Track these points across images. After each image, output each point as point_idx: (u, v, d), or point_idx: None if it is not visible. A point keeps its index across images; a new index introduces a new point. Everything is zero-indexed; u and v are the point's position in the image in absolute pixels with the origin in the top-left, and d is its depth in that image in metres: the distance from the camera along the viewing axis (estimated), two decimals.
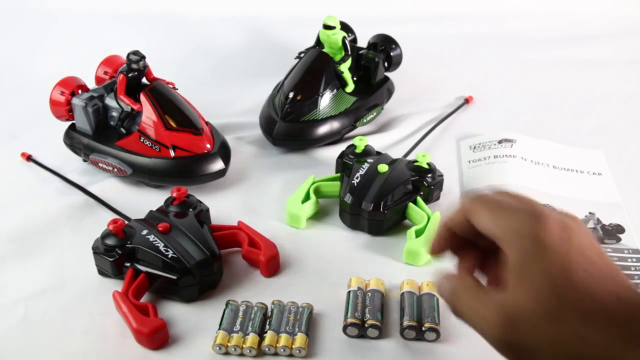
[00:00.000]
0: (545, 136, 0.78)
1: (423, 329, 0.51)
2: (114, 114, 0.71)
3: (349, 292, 0.54)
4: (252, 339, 0.50)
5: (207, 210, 0.62)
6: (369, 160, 0.66)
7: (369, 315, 0.52)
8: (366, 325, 0.51)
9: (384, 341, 0.52)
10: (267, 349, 0.50)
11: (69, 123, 0.73)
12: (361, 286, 0.55)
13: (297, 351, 0.50)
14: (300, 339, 0.50)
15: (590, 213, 0.66)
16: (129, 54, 0.69)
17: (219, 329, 0.51)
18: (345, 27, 0.84)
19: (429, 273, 0.52)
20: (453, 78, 0.94)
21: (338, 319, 0.54)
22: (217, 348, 0.50)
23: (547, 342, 0.35)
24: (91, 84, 0.74)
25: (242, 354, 0.50)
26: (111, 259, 0.55)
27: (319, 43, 0.84)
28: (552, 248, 0.36)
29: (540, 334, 0.35)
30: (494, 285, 0.42)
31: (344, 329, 0.52)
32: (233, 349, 0.50)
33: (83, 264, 0.58)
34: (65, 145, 0.73)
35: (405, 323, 0.51)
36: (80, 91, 0.71)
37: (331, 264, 0.60)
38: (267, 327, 0.51)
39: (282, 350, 0.50)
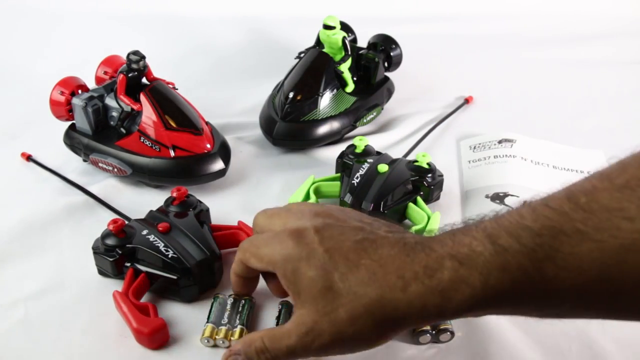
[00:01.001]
0: (545, 136, 0.78)
1: (437, 331, 0.51)
2: (114, 114, 0.71)
3: None
4: (239, 331, 0.51)
5: (207, 210, 0.62)
6: (369, 160, 0.66)
7: None
8: None
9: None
10: None
11: (69, 123, 0.73)
12: None
13: None
14: None
15: None
16: (129, 54, 0.69)
17: (207, 322, 0.52)
18: (345, 27, 0.84)
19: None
20: (453, 78, 0.94)
21: None
22: (205, 341, 0.50)
23: (336, 342, 0.41)
24: (91, 84, 0.74)
25: (230, 347, 0.50)
26: (111, 259, 0.55)
27: (319, 43, 0.84)
28: (306, 263, 0.42)
29: (327, 337, 0.41)
30: None
31: None
32: (221, 342, 0.50)
33: (83, 264, 0.58)
34: (65, 145, 0.73)
35: (420, 329, 0.51)
36: (80, 91, 0.71)
37: None
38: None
39: None
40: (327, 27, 0.79)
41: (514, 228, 0.38)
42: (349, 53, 0.79)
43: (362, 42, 0.87)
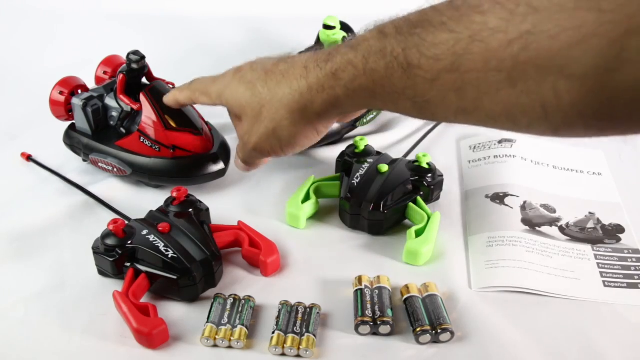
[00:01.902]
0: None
1: (437, 331, 0.51)
2: (114, 113, 0.71)
3: (357, 290, 0.54)
4: (239, 331, 0.51)
5: (207, 210, 0.62)
6: (369, 160, 0.66)
7: (379, 312, 0.52)
8: (378, 323, 0.51)
9: (390, 339, 0.52)
10: (274, 350, 0.50)
11: (69, 123, 0.73)
12: (367, 284, 0.55)
13: (305, 351, 0.50)
14: (307, 339, 0.50)
15: (590, 213, 0.66)
16: (128, 54, 0.69)
17: (207, 321, 0.52)
18: (345, 27, 0.84)
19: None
20: None
21: (341, 318, 0.54)
22: (205, 340, 0.51)
23: (266, 136, 0.54)
24: (91, 84, 0.74)
25: (230, 347, 0.51)
26: (111, 259, 0.55)
27: (319, 43, 0.84)
28: (238, 82, 0.55)
29: (257, 135, 0.55)
30: None
31: (356, 327, 0.52)
32: (221, 342, 0.50)
33: (83, 264, 0.58)
34: (65, 145, 0.73)
35: (419, 329, 0.51)
36: (80, 91, 0.71)
37: (331, 264, 0.60)
38: (275, 327, 0.51)
39: (289, 350, 0.50)
40: (327, 27, 0.79)
41: (398, 20, 0.45)
42: None
43: None
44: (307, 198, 0.65)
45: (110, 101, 0.70)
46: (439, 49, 0.41)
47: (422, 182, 0.64)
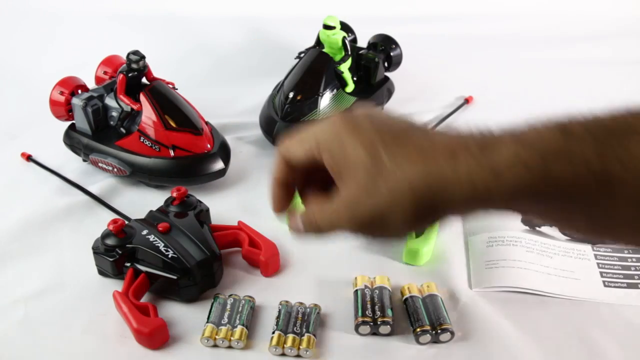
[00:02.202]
0: None
1: (437, 331, 0.51)
2: (114, 114, 0.71)
3: (356, 290, 0.54)
4: (239, 331, 0.51)
5: (207, 210, 0.62)
6: None
7: (379, 313, 0.52)
8: (378, 323, 0.51)
9: (390, 339, 0.52)
10: (274, 350, 0.50)
11: (69, 123, 0.73)
12: (367, 284, 0.55)
13: (305, 352, 0.50)
14: (307, 339, 0.50)
15: None
16: (128, 54, 0.69)
17: (207, 322, 0.52)
18: (345, 27, 0.84)
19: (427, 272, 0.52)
20: (453, 78, 0.94)
21: (341, 318, 0.54)
22: (205, 341, 0.51)
23: (374, 216, 0.39)
24: (91, 84, 0.74)
25: (230, 347, 0.51)
26: (111, 259, 0.55)
27: (319, 43, 0.84)
28: (354, 137, 0.39)
29: (365, 210, 0.39)
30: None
31: (356, 327, 0.52)
32: (221, 342, 0.50)
33: (83, 264, 0.58)
34: (65, 145, 0.73)
35: (419, 329, 0.51)
36: (80, 91, 0.71)
37: (331, 264, 0.60)
38: (275, 327, 0.51)
39: (289, 350, 0.50)
40: (327, 27, 0.79)
41: (589, 123, 0.36)
42: (349, 53, 0.79)
43: (362, 42, 0.87)
44: None
45: (110, 101, 0.70)
46: None
47: None
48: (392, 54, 0.83)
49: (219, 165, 0.68)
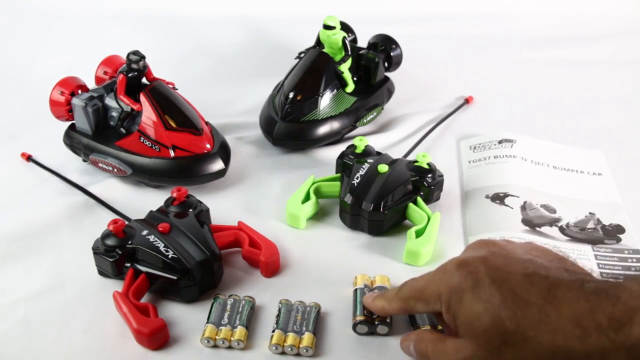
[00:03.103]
0: (545, 136, 0.78)
1: (437, 331, 0.51)
2: (114, 114, 0.71)
3: (356, 289, 0.54)
4: (240, 331, 0.51)
5: (207, 210, 0.62)
6: (369, 161, 0.66)
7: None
8: (376, 322, 0.51)
9: (390, 338, 0.52)
10: (274, 348, 0.50)
11: (69, 123, 0.73)
12: (367, 283, 0.55)
13: (305, 350, 0.50)
14: (307, 338, 0.50)
15: (590, 213, 0.66)
16: (128, 54, 0.69)
17: (207, 322, 0.52)
18: (345, 27, 0.84)
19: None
20: (453, 78, 0.94)
21: (341, 318, 0.54)
22: (205, 341, 0.51)
23: None
24: (91, 84, 0.74)
25: (230, 347, 0.51)
26: (111, 259, 0.55)
27: (319, 43, 0.84)
28: (475, 293, 0.40)
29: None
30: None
31: (354, 326, 0.52)
32: (221, 342, 0.50)
33: (83, 264, 0.58)
34: (65, 145, 0.73)
35: (422, 329, 0.51)
36: (80, 91, 0.71)
37: (331, 264, 0.60)
38: (275, 326, 0.51)
39: (289, 349, 0.50)
40: (327, 27, 0.79)
41: None
42: (349, 53, 0.79)
43: (362, 42, 0.87)
44: (307, 198, 0.65)
45: (110, 101, 0.70)
46: None
47: (422, 183, 0.64)
48: (392, 54, 0.83)
49: (219, 165, 0.68)
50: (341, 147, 0.71)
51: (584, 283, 0.38)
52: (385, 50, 0.83)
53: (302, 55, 0.82)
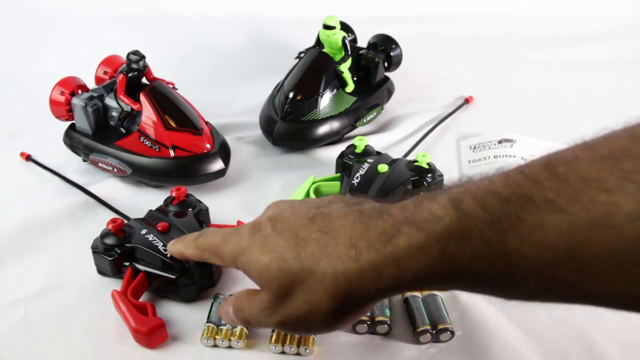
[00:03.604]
0: (545, 136, 0.78)
1: (437, 330, 0.51)
2: (114, 114, 0.71)
3: None
4: (239, 331, 0.51)
5: (207, 209, 0.62)
6: (369, 160, 0.66)
7: (377, 312, 0.52)
8: (375, 322, 0.51)
9: (390, 338, 0.52)
10: (274, 348, 0.50)
11: (69, 123, 0.73)
12: None
13: (305, 350, 0.50)
14: (307, 337, 0.50)
15: None
16: (128, 54, 0.69)
17: (207, 321, 0.52)
18: (345, 27, 0.84)
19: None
20: (453, 78, 0.94)
21: None
22: (205, 340, 0.50)
23: (305, 303, 0.40)
24: (91, 84, 0.74)
25: (230, 347, 0.51)
26: (110, 258, 0.55)
27: (319, 43, 0.84)
28: (262, 247, 0.41)
29: (295, 302, 0.40)
30: None
31: (354, 326, 0.52)
32: (221, 342, 0.50)
33: (83, 264, 0.58)
34: (65, 145, 0.73)
35: (420, 328, 0.51)
36: (80, 91, 0.71)
37: None
38: None
39: (289, 349, 0.50)
40: (327, 27, 0.79)
41: (481, 193, 0.35)
42: (349, 53, 0.79)
43: (362, 42, 0.87)
44: (307, 198, 0.65)
45: (110, 101, 0.70)
46: (547, 233, 0.32)
47: (422, 182, 0.64)
48: (392, 54, 0.83)
49: (219, 165, 0.68)
50: (341, 147, 0.71)
51: (362, 209, 0.39)
52: (385, 50, 0.83)
53: (302, 55, 0.82)
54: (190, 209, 0.60)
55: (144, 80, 0.71)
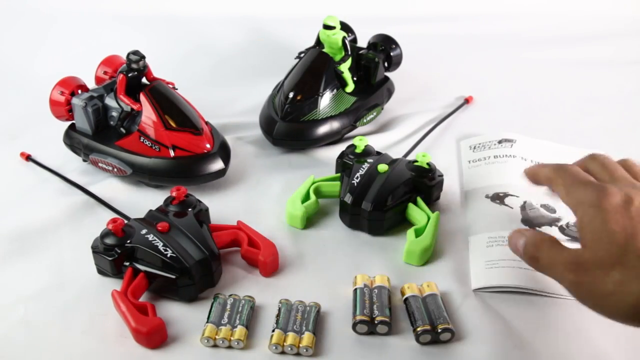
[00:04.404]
0: (545, 136, 0.78)
1: (437, 331, 0.51)
2: (114, 114, 0.71)
3: (356, 289, 0.54)
4: (239, 331, 0.51)
5: (207, 209, 0.62)
6: (369, 160, 0.66)
7: (377, 312, 0.52)
8: (375, 322, 0.51)
9: (390, 338, 0.52)
10: (274, 348, 0.50)
11: (69, 123, 0.73)
12: (367, 283, 0.55)
13: (304, 350, 0.50)
14: (307, 337, 0.50)
15: None
16: (128, 54, 0.69)
17: (207, 321, 0.52)
18: (345, 27, 0.84)
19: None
20: (453, 78, 0.94)
21: (341, 318, 0.54)
22: (205, 341, 0.51)
23: (614, 283, 0.41)
24: (91, 84, 0.74)
25: (230, 347, 0.51)
26: (110, 258, 0.55)
27: (319, 43, 0.84)
28: (612, 214, 0.43)
29: (608, 277, 0.42)
30: None
31: (354, 326, 0.52)
32: (221, 342, 0.50)
33: (83, 264, 0.58)
34: (65, 145, 0.73)
35: (420, 328, 0.51)
36: (80, 91, 0.71)
37: (331, 264, 0.60)
38: (275, 325, 0.51)
39: (289, 349, 0.50)
40: (327, 27, 0.79)
41: None
42: (349, 53, 0.79)
43: (362, 42, 0.87)
44: (307, 198, 0.65)
45: (110, 101, 0.70)
46: None
47: (422, 182, 0.64)
48: (392, 54, 0.83)
49: (219, 165, 0.68)
50: (341, 147, 0.71)
51: None
52: (385, 50, 0.83)
53: (302, 55, 0.82)
54: (190, 209, 0.60)
55: (144, 80, 0.71)
